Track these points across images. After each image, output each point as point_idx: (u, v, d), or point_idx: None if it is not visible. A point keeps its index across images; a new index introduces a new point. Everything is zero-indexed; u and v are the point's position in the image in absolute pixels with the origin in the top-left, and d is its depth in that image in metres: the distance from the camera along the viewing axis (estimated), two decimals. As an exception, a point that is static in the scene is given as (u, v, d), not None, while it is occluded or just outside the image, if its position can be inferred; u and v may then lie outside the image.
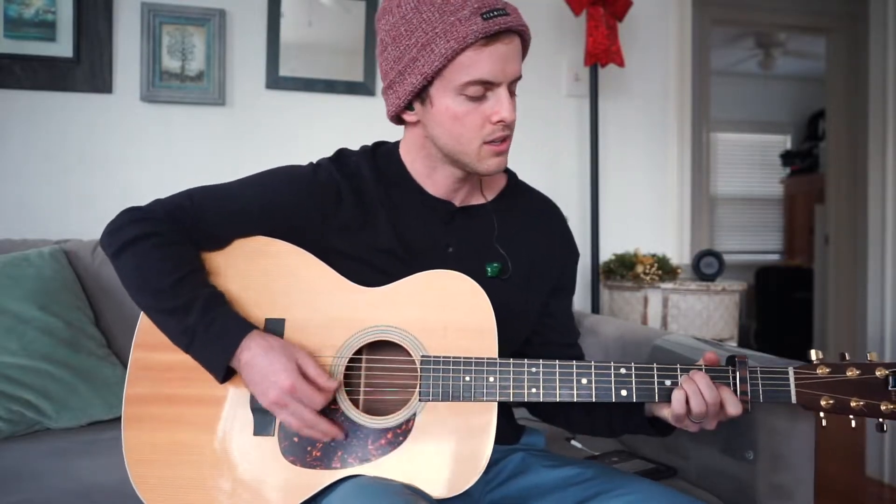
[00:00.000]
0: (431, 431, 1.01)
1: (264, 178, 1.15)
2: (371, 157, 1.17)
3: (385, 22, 1.06)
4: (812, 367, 1.05)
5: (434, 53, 0.99)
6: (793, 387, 1.04)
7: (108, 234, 1.09)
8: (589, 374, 1.03)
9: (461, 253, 1.14)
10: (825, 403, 1.04)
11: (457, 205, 1.16)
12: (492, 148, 1.06)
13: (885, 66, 2.94)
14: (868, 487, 2.93)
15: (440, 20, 0.99)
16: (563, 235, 1.25)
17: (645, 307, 2.30)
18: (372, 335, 1.05)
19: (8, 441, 1.52)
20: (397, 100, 1.06)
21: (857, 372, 1.04)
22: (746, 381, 1.04)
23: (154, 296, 1.03)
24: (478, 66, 1.00)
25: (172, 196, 1.13)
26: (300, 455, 1.02)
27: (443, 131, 1.05)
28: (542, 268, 1.20)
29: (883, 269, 2.96)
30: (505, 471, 1.15)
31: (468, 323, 1.04)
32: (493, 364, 1.03)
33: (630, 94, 2.67)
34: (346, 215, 1.11)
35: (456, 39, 0.98)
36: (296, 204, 1.11)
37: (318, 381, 1.00)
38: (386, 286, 1.07)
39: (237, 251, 1.11)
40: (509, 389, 1.02)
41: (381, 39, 1.08)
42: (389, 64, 1.05)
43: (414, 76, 1.02)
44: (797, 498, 1.29)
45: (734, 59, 5.82)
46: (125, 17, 2.18)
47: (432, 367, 1.03)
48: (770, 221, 6.47)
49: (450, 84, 1.01)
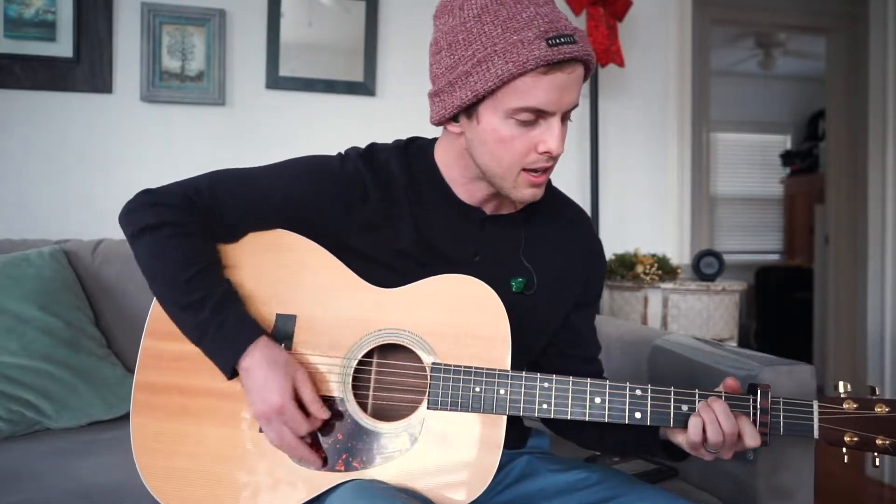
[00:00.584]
0: (438, 440, 0.99)
1: (289, 165, 1.11)
2: (403, 153, 1.12)
3: (443, 23, 1.00)
4: (838, 402, 0.99)
5: (489, 73, 0.93)
6: (816, 421, 0.99)
7: (125, 215, 1.07)
8: (603, 394, 1.00)
9: (487, 263, 1.10)
10: (849, 440, 0.99)
11: (488, 213, 1.12)
12: (530, 178, 1.01)
13: (885, 66, 2.94)
14: (868, 487, 2.93)
15: (501, 37, 0.93)
16: (592, 251, 1.20)
17: (645, 307, 2.30)
18: (383, 338, 1.04)
19: (8, 441, 1.52)
20: (443, 110, 1.00)
21: (887, 409, 0.98)
22: (768, 413, 0.99)
23: (168, 287, 1.02)
24: (534, 93, 0.93)
25: (193, 179, 1.10)
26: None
27: (485, 150, 1.00)
28: (567, 284, 1.16)
29: (883, 269, 2.96)
30: (511, 474, 1.14)
31: (482, 330, 1.01)
32: (505, 377, 1.00)
33: (630, 94, 2.67)
34: (369, 212, 1.08)
35: (515, 63, 0.91)
36: (318, 195, 1.07)
37: (310, 407, 0.99)
38: (400, 288, 1.05)
39: (252, 244, 1.10)
40: (520, 404, 0.99)
41: (436, 39, 1.01)
42: (441, 70, 0.99)
43: (464, 91, 0.96)
44: (797, 498, 1.29)
45: (734, 59, 5.82)
46: (125, 17, 2.18)
47: (442, 374, 1.00)
48: (770, 221, 6.46)
49: (500, 105, 0.95)
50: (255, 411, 0.99)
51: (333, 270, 1.07)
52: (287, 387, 0.98)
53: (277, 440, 0.99)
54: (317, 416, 0.99)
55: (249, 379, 0.99)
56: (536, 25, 0.93)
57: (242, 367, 1.00)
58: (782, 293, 5.44)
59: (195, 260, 1.03)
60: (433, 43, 1.02)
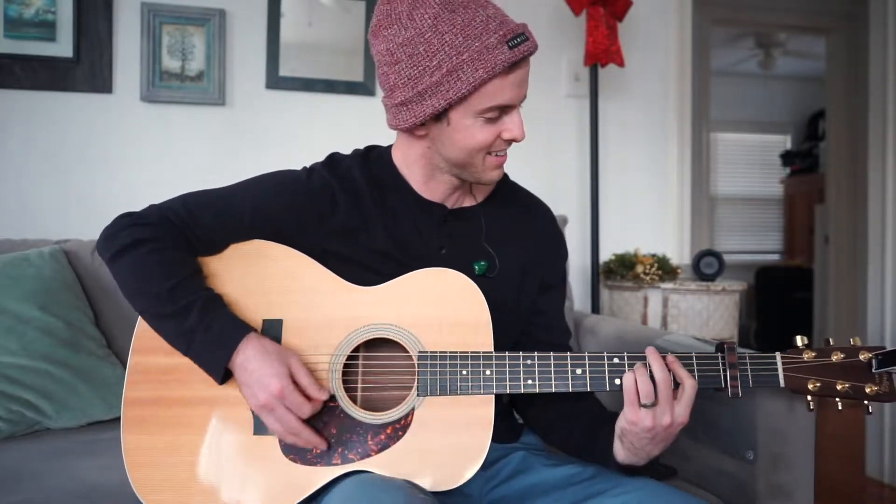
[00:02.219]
0: (430, 425, 1.02)
1: (258, 183, 1.16)
2: (363, 161, 1.18)
3: (393, 34, 1.04)
4: (798, 352, 1.08)
5: (461, 81, 1.00)
6: (780, 371, 1.07)
7: (103, 240, 1.10)
8: (583, 365, 1.05)
9: (453, 254, 1.16)
10: (812, 387, 1.07)
11: (449, 207, 1.18)
12: (495, 160, 1.09)
13: (885, 66, 2.94)
14: (868, 487, 2.93)
15: (465, 45, 1.00)
16: (549, 234, 1.27)
17: (645, 307, 2.30)
18: (369, 333, 1.07)
19: (8, 441, 1.52)
20: (413, 118, 1.05)
21: (842, 356, 1.07)
22: (736, 367, 1.06)
23: (151, 300, 1.04)
24: (501, 93, 1.02)
25: (167, 201, 1.14)
26: (300, 453, 1.03)
27: (454, 146, 1.07)
28: (530, 266, 1.22)
29: (883, 269, 2.96)
30: (505, 469, 1.16)
31: (463, 318, 1.06)
32: (490, 357, 1.05)
33: (630, 94, 2.67)
34: (342, 218, 1.13)
35: (485, 69, 0.99)
36: (289, 210, 1.12)
37: (308, 390, 1.01)
38: (381, 285, 1.09)
39: (234, 254, 1.12)
40: (505, 381, 1.04)
41: (388, 50, 1.05)
42: (402, 80, 1.04)
43: (436, 100, 1.02)
44: (797, 498, 1.29)
45: (734, 59, 5.82)
46: (125, 17, 2.18)
47: (429, 362, 1.04)
48: (770, 221, 6.47)
49: (471, 108, 1.03)
50: (257, 403, 1.00)
51: (316, 274, 1.10)
52: (284, 372, 1.00)
53: (282, 428, 1.00)
54: (317, 397, 1.01)
55: (245, 373, 1.00)
56: (493, 29, 1.00)
57: (236, 363, 1.01)
58: (782, 293, 5.44)
59: (176, 271, 1.05)
60: (386, 53, 1.05)
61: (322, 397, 1.02)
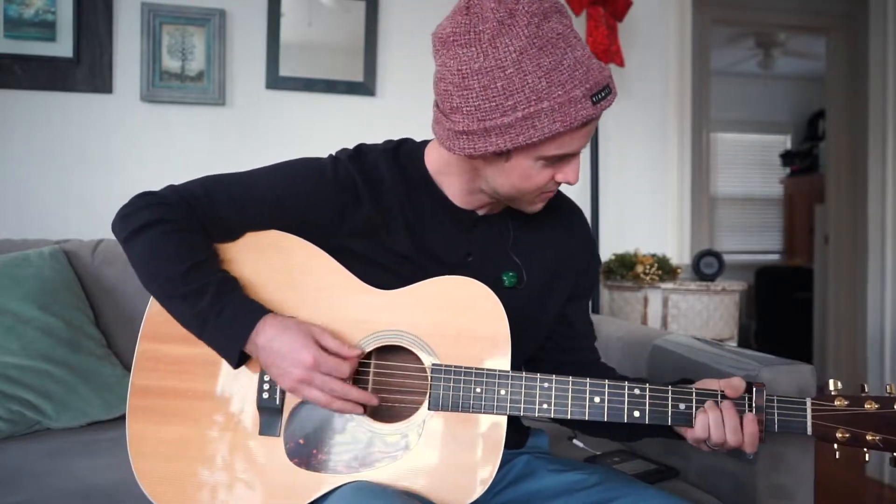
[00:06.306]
0: (439, 441, 0.99)
1: (282, 168, 1.12)
2: (393, 156, 1.12)
3: (469, 56, 0.93)
4: (830, 399, 1.02)
5: (535, 129, 0.92)
6: (809, 418, 1.01)
7: (120, 219, 1.07)
8: (602, 393, 1.01)
9: (480, 262, 1.11)
10: (840, 436, 1.01)
11: (480, 215, 1.13)
12: (544, 196, 1.06)
13: (885, 66, 2.94)
14: (868, 487, 2.93)
15: (548, 92, 0.91)
16: (585, 240, 1.21)
17: (645, 307, 2.30)
18: (383, 339, 1.04)
19: (8, 441, 1.52)
20: (471, 150, 0.97)
21: (876, 406, 1.01)
22: (763, 410, 1.01)
23: (165, 282, 1.01)
24: (570, 143, 0.96)
25: (186, 183, 1.11)
26: (305, 457, 1.01)
27: (506, 182, 1.01)
28: (559, 274, 1.17)
29: (883, 269, 2.96)
30: (510, 474, 1.14)
31: (481, 331, 1.02)
32: (506, 377, 1.01)
33: (630, 94, 2.67)
34: (363, 216, 1.08)
35: (562, 122, 0.92)
36: (312, 198, 1.08)
37: (339, 351, 0.98)
38: (399, 290, 1.05)
39: (250, 244, 1.09)
40: (520, 404, 1.00)
41: (459, 71, 0.94)
42: (469, 109, 0.94)
43: (503, 140, 0.94)
44: (797, 498, 1.29)
45: (734, 59, 5.81)
46: (125, 17, 2.18)
47: (443, 375, 1.01)
48: (770, 221, 6.46)
49: (535, 153, 0.96)
50: (291, 380, 0.97)
51: (332, 272, 1.07)
52: (310, 342, 0.97)
53: (326, 396, 0.97)
54: (349, 355, 0.99)
55: (270, 354, 0.98)
56: (579, 79, 0.92)
57: (258, 345, 0.98)
58: (782, 293, 5.44)
59: (192, 253, 1.02)
60: (456, 73, 0.94)
61: (356, 353, 0.99)
